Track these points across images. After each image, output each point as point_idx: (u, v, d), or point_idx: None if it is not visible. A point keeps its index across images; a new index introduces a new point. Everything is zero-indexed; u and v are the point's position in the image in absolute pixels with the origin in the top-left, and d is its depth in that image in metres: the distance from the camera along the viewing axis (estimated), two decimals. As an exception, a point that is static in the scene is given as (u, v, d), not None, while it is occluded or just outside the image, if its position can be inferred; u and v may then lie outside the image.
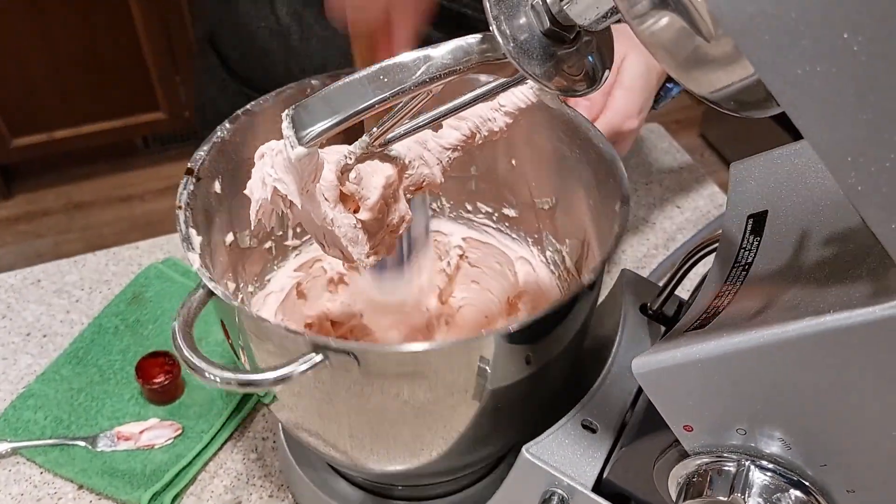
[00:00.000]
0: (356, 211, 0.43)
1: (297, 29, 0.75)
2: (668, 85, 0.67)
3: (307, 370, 0.37)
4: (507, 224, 0.62)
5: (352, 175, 0.42)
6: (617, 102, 0.61)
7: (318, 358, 0.37)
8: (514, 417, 0.44)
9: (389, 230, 0.45)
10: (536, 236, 0.61)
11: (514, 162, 0.58)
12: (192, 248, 0.43)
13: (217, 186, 0.49)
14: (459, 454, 0.48)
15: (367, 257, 0.44)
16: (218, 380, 0.38)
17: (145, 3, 1.82)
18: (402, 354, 0.39)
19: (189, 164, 0.47)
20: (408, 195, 0.46)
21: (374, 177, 0.43)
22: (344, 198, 0.42)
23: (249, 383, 0.38)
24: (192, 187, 0.46)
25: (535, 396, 0.45)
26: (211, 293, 0.41)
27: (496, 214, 0.62)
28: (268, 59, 0.78)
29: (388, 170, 0.43)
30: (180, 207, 0.45)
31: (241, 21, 0.78)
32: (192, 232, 0.44)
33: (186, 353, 0.38)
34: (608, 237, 0.46)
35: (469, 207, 0.63)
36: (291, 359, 0.38)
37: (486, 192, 0.61)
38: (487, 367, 0.40)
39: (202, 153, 0.48)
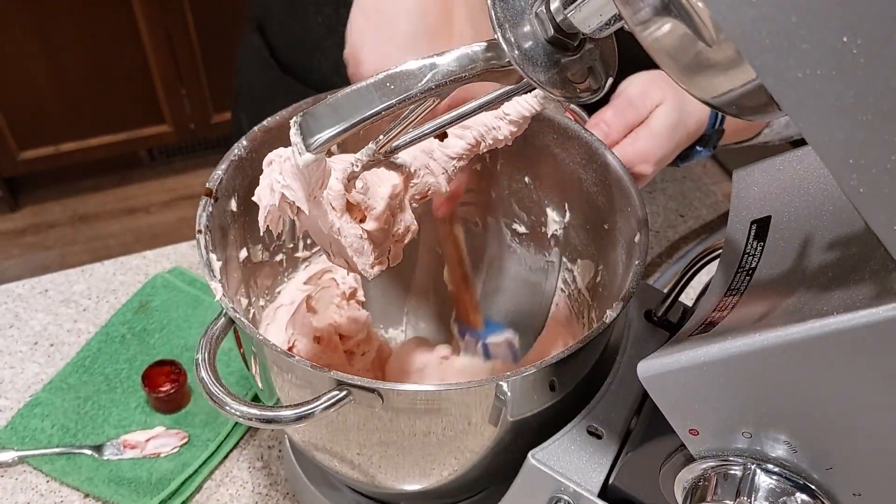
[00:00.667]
0: (362, 220, 0.43)
1: None
2: (697, 148, 0.65)
3: (330, 407, 0.37)
4: (516, 240, 0.62)
5: (358, 184, 0.42)
6: (638, 143, 0.58)
7: (342, 394, 0.37)
8: (533, 438, 0.44)
9: (395, 240, 0.45)
10: (547, 253, 0.61)
11: (527, 179, 0.58)
12: (214, 276, 0.42)
13: (233, 204, 0.48)
14: (477, 477, 0.48)
15: (372, 268, 0.44)
16: (239, 415, 0.37)
17: (151, 17, 1.84)
18: (428, 393, 0.39)
19: (207, 185, 0.46)
20: (413, 204, 0.46)
21: (381, 187, 0.43)
22: (350, 207, 0.42)
23: (271, 420, 0.38)
24: (210, 209, 0.45)
25: (557, 419, 0.45)
26: (232, 321, 0.41)
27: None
28: (318, 55, 0.74)
29: (394, 178, 0.43)
30: (200, 231, 0.44)
31: (296, 11, 0.74)
32: (213, 257, 0.44)
33: (212, 387, 0.38)
34: (625, 264, 0.46)
35: (478, 221, 0.63)
36: (315, 394, 0.38)
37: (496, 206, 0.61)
38: (511, 401, 0.40)
39: (220, 172, 0.47)
